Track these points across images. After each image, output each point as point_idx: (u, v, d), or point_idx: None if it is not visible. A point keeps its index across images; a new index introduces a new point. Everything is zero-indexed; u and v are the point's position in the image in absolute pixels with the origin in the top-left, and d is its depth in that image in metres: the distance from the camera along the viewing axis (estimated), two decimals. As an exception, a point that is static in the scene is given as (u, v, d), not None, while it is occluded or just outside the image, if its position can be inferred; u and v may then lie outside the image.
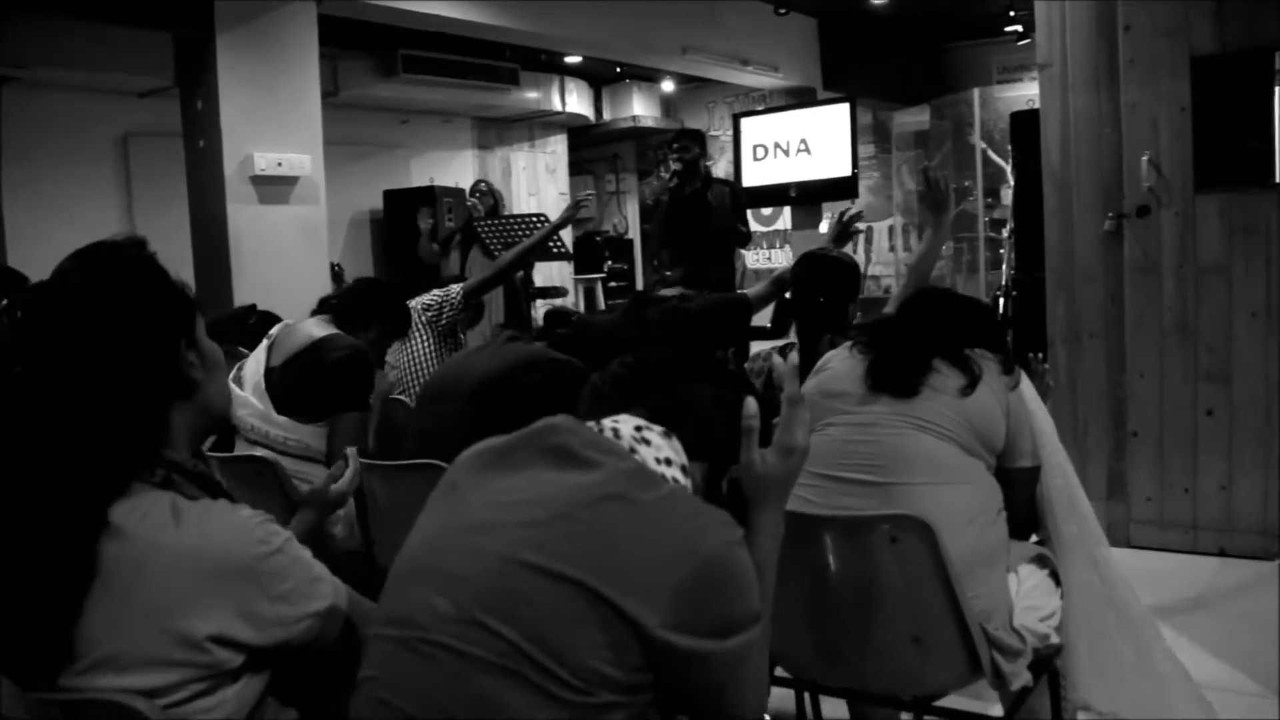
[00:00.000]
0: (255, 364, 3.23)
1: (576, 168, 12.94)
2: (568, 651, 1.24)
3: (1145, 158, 4.55)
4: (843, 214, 4.12)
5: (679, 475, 1.46)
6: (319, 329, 3.31)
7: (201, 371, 1.57)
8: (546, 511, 1.33)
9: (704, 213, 6.44)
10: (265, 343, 3.28)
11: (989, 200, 9.80)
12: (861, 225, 4.30)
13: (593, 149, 13.17)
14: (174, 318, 1.55)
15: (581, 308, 10.81)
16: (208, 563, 1.41)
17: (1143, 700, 2.40)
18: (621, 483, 1.36)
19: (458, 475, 1.48)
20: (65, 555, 1.38)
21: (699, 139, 6.76)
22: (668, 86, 12.16)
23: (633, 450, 1.44)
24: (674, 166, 6.61)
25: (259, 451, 2.96)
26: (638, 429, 1.47)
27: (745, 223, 6.75)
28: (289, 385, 3.08)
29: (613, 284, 11.77)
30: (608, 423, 1.49)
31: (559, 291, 9.40)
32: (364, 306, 3.50)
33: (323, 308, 3.55)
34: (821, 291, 3.43)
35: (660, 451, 1.45)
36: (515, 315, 6.94)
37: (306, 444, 3.05)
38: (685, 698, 1.35)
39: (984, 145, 9.88)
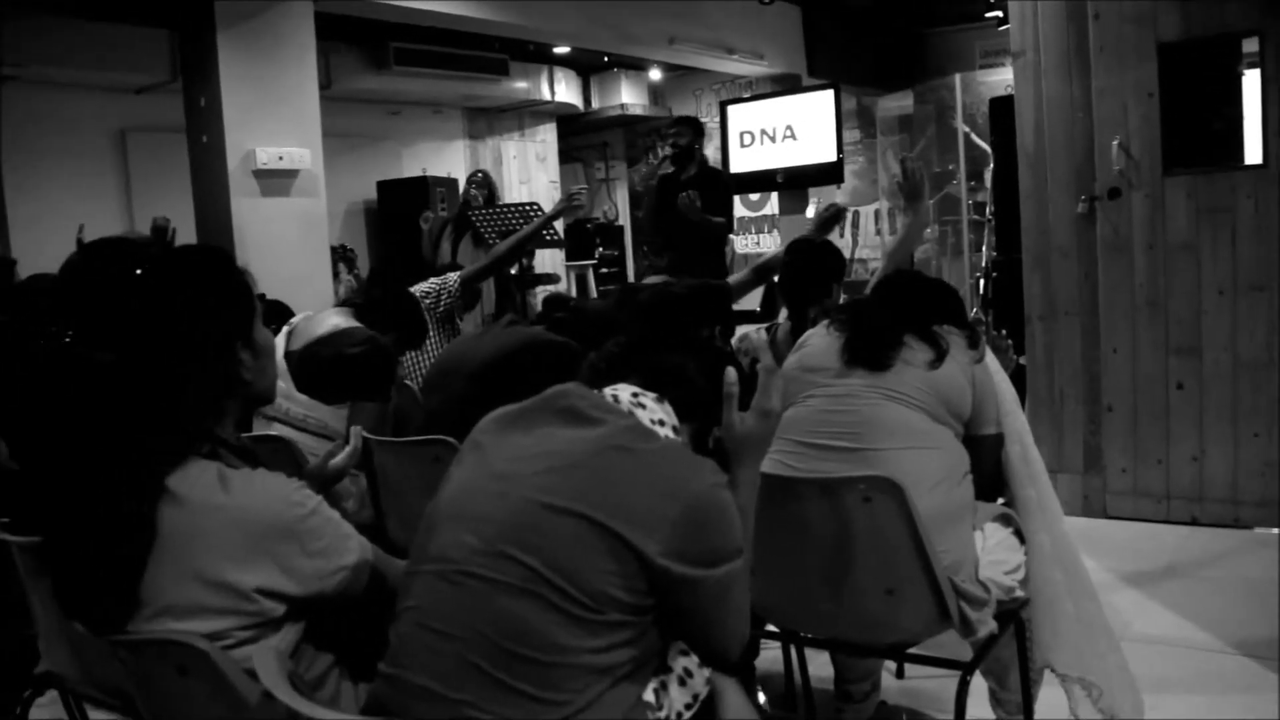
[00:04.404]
0: (274, 349, 3.33)
1: (566, 156, 13.08)
2: (582, 576, 1.43)
3: (1115, 141, 4.73)
4: (826, 208, 4.35)
5: (670, 434, 1.65)
6: (339, 320, 3.44)
7: (252, 370, 1.78)
8: (560, 461, 1.52)
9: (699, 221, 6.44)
10: (285, 329, 3.42)
11: (972, 183, 9.94)
12: (843, 209, 4.53)
13: (582, 137, 13.30)
14: (234, 321, 1.76)
15: (573, 294, 10.96)
16: (253, 523, 1.60)
17: (1081, 660, 2.58)
18: (623, 436, 1.56)
19: (481, 436, 1.68)
20: (130, 520, 1.56)
21: (695, 126, 6.78)
22: (655, 75, 12.31)
23: (630, 413, 1.63)
24: (665, 152, 6.72)
25: (277, 428, 3.11)
26: (634, 395, 1.67)
27: (727, 212, 6.71)
28: (310, 370, 3.21)
29: (604, 270, 11.92)
30: (608, 390, 1.68)
31: (551, 278, 9.55)
32: (388, 310, 3.62)
33: (346, 304, 3.69)
34: (809, 272, 3.67)
35: (654, 414, 1.65)
36: (507, 303, 7.08)
37: (325, 422, 3.17)
38: (680, 621, 1.55)
39: (967, 129, 10.03)
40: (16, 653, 2.63)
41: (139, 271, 1.78)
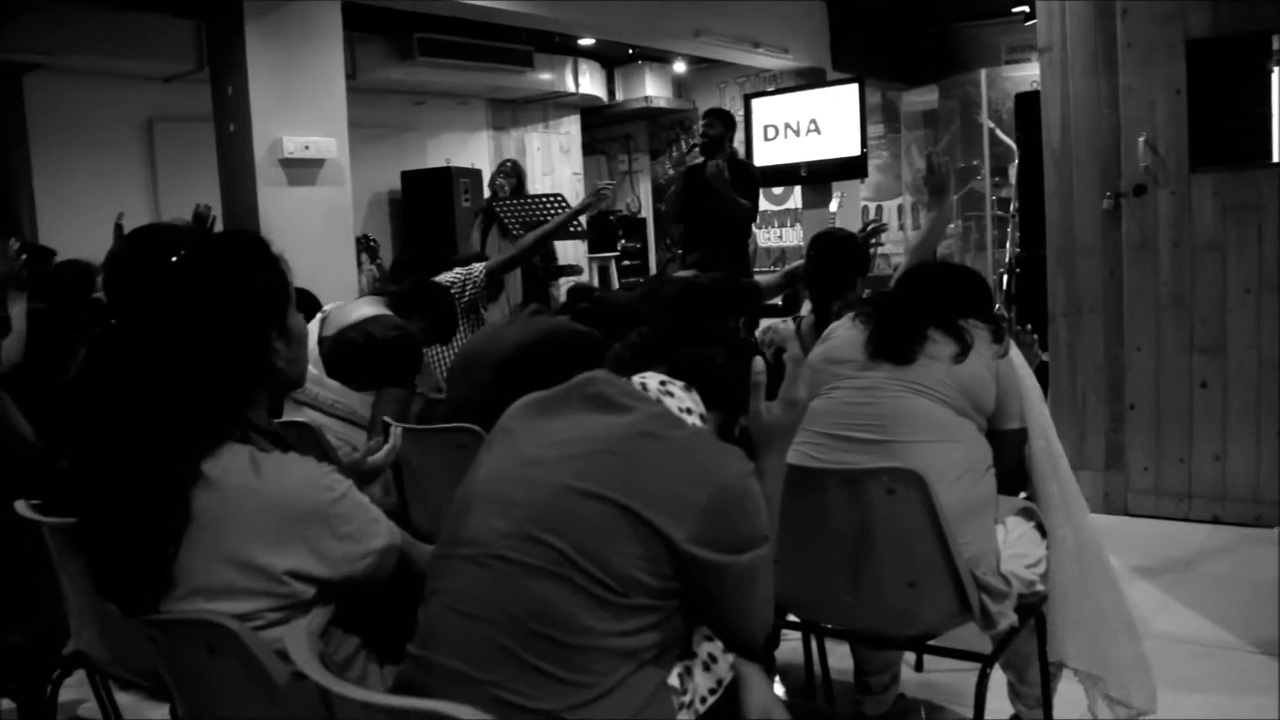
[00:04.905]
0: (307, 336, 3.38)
1: (590, 148, 13.08)
2: (609, 560, 1.45)
3: (1142, 139, 4.71)
4: (866, 226, 4.42)
5: (698, 422, 1.67)
6: (371, 308, 3.50)
7: (286, 358, 1.80)
8: (589, 447, 1.54)
9: (718, 192, 6.50)
10: (319, 316, 3.48)
11: (996, 179, 9.93)
12: (884, 226, 4.61)
13: (606, 129, 13.31)
14: (269, 309, 1.77)
15: (596, 285, 10.98)
16: (284, 507, 1.62)
17: (1093, 655, 2.58)
18: (652, 423, 1.57)
19: (511, 421, 1.69)
20: (166, 503, 1.59)
21: (726, 119, 6.79)
22: (679, 67, 12.30)
23: (659, 400, 1.65)
24: (696, 140, 6.75)
25: (307, 412, 3.15)
26: (662, 383, 1.68)
27: (753, 201, 6.74)
28: (340, 356, 3.26)
29: (626, 263, 11.94)
30: (636, 378, 1.70)
31: (574, 270, 9.57)
32: (418, 298, 3.68)
33: (378, 293, 3.75)
34: (833, 265, 3.69)
35: (682, 402, 1.66)
36: (535, 292, 7.10)
37: (354, 409, 3.22)
38: (705, 607, 1.56)
39: (992, 125, 10.01)
40: (47, 633, 2.67)
41: (174, 259, 1.80)
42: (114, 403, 1.68)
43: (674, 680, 1.53)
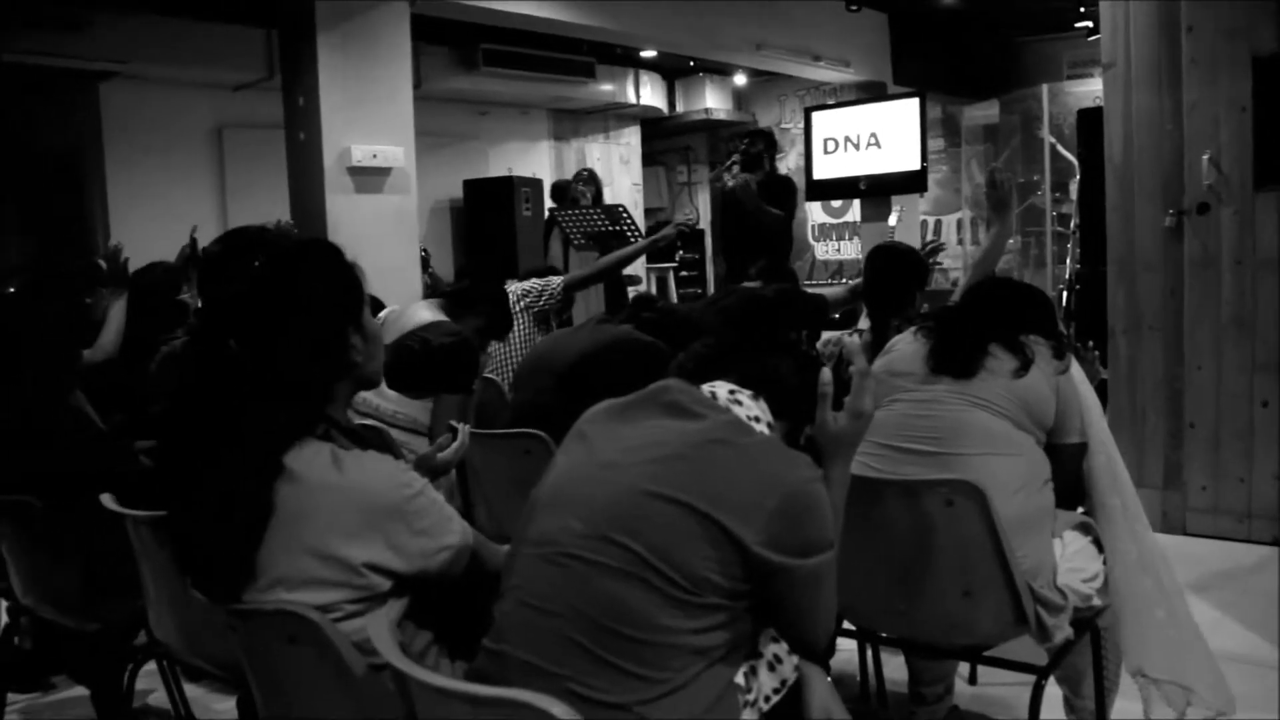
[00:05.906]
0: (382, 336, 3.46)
1: (649, 159, 13.15)
2: (682, 561, 1.50)
3: (1206, 156, 4.68)
4: (927, 244, 4.46)
5: (766, 430, 1.72)
6: (428, 313, 3.56)
7: (363, 353, 1.87)
8: (663, 451, 1.60)
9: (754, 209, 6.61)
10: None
11: (1057, 195, 9.87)
12: (943, 245, 4.66)
13: (665, 140, 13.37)
14: (346, 307, 1.85)
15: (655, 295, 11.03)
16: (363, 501, 1.70)
17: (1175, 663, 2.60)
18: (723, 430, 1.63)
19: (586, 426, 1.76)
20: (249, 496, 1.67)
21: (767, 139, 6.89)
22: (740, 80, 12.35)
23: (729, 408, 1.70)
24: (735, 159, 6.82)
25: (368, 423, 3.22)
26: (731, 392, 1.74)
27: (788, 209, 6.79)
28: (399, 364, 3.33)
29: (684, 274, 11.98)
30: (706, 387, 1.75)
31: (632, 280, 9.64)
32: (473, 297, 3.74)
33: (435, 294, 3.81)
34: (891, 278, 3.72)
35: (750, 411, 1.72)
36: (618, 302, 7.17)
37: (414, 418, 3.28)
38: (772, 608, 1.62)
39: (1053, 140, 9.95)
40: (124, 623, 2.77)
41: (257, 262, 1.88)
42: (199, 398, 1.76)
43: (740, 679, 1.58)
